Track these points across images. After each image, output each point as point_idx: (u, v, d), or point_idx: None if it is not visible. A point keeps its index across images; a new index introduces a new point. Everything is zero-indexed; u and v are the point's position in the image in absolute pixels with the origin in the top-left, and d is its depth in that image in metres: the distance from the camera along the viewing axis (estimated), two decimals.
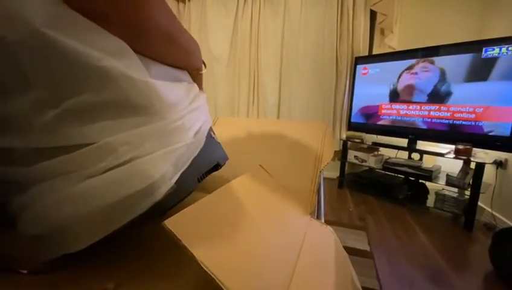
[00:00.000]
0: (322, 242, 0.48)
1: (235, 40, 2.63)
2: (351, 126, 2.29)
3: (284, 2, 2.45)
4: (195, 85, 0.42)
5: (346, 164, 2.24)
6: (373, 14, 2.27)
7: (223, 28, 2.62)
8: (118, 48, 0.26)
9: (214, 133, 0.47)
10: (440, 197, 1.73)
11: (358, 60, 2.23)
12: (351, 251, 1.25)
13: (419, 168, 1.85)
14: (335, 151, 2.42)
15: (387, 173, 2.07)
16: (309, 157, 0.69)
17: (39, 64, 0.22)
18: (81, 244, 0.26)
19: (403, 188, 1.95)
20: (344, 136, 2.32)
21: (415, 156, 2.03)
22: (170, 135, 0.30)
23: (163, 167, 0.28)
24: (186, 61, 0.40)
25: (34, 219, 0.25)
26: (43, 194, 0.25)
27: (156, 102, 0.28)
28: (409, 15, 2.20)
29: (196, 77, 0.44)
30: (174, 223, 0.27)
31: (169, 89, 0.32)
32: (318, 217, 0.61)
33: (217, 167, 0.44)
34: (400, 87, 1.97)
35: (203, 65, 0.46)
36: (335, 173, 2.37)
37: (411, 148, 1.93)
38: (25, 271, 0.29)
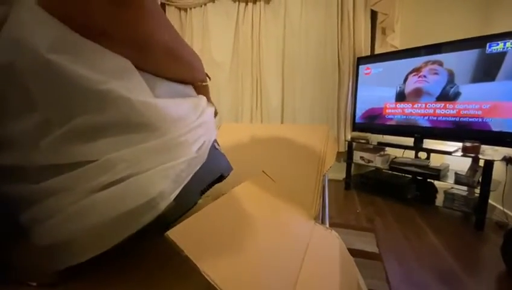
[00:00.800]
0: (326, 247, 0.48)
1: (237, 46, 2.65)
2: (356, 127, 2.28)
3: (284, 5, 2.47)
4: (203, 98, 0.42)
5: (352, 165, 2.22)
6: (374, 14, 2.27)
7: (225, 34, 2.65)
8: (120, 68, 0.27)
9: (218, 145, 0.47)
10: (449, 196, 1.70)
11: (361, 60, 2.22)
12: (359, 253, 1.24)
13: (426, 167, 1.83)
14: (340, 152, 2.41)
15: (394, 173, 2.04)
16: (312, 161, 0.69)
17: (45, 88, 0.24)
18: (85, 255, 0.27)
19: (410, 188, 1.92)
20: (349, 137, 2.30)
21: (422, 154, 2.01)
22: (171, 151, 0.30)
23: (162, 184, 0.29)
24: (190, 75, 0.40)
25: (43, 232, 0.26)
26: (51, 210, 0.26)
27: (156, 120, 0.29)
28: (410, 13, 2.19)
29: (202, 89, 0.44)
30: (176, 234, 0.28)
31: (174, 105, 0.32)
32: (323, 221, 0.61)
33: (221, 178, 0.44)
34: (407, 90, 1.95)
35: (207, 77, 0.47)
36: (341, 175, 2.36)
37: (418, 147, 1.91)
38: (34, 284, 0.30)
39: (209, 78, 0.48)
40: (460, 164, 1.74)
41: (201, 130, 0.37)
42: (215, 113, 0.51)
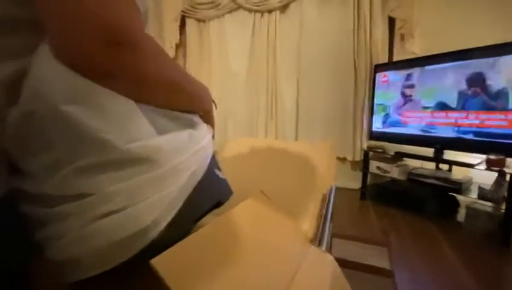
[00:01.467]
0: (317, 272, 0.49)
1: (253, 55, 2.70)
2: (373, 135, 2.22)
3: (300, 14, 2.48)
4: (203, 126, 0.43)
5: (368, 174, 2.17)
6: (392, 20, 2.22)
7: (242, 44, 2.71)
8: (124, 112, 0.30)
9: (219, 170, 0.47)
10: (472, 211, 1.61)
11: (378, 68, 2.18)
12: (369, 268, 1.21)
13: (447, 179, 1.74)
14: (356, 161, 2.36)
15: (412, 184, 1.96)
16: (313, 181, 0.70)
17: (58, 134, 0.28)
18: (93, 272, 0.30)
19: (430, 201, 1.84)
20: (365, 146, 2.25)
21: (444, 166, 1.92)
22: (166, 180, 0.32)
23: (155, 212, 0.31)
24: (195, 106, 0.42)
25: (55, 250, 0.30)
26: (61, 232, 0.30)
27: (154, 156, 0.31)
28: (431, 19, 2.11)
29: (206, 117, 0.46)
30: (160, 262, 0.29)
31: (174, 139, 0.34)
32: (320, 242, 0.61)
33: (219, 204, 0.44)
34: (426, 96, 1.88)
35: (213, 105, 0.48)
36: (357, 184, 2.30)
37: (438, 158, 1.83)
38: None
39: (215, 105, 0.50)
40: (485, 177, 1.64)
41: (196, 157, 0.38)
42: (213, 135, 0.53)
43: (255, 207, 0.55)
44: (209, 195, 0.42)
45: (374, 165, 2.11)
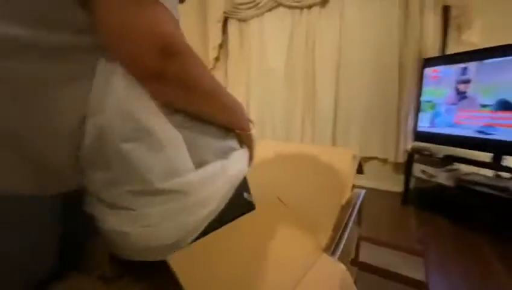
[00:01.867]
0: (323, 282, 0.51)
1: (292, 53, 2.68)
2: (418, 136, 2.06)
3: (341, 7, 2.37)
4: (237, 153, 0.46)
5: (411, 177, 2.02)
6: (446, 10, 1.99)
7: (281, 42, 2.71)
8: (170, 140, 0.37)
9: (247, 193, 0.50)
10: None
11: (428, 62, 1.99)
12: (400, 278, 1.16)
13: (506, 189, 1.55)
14: (399, 163, 2.22)
15: (462, 191, 1.78)
16: (333, 189, 0.71)
17: (115, 162, 0.36)
18: (130, 258, 0.39)
19: (482, 212, 1.65)
20: (409, 147, 2.10)
21: (502, 173, 1.69)
22: (194, 207, 0.38)
23: (179, 234, 0.37)
24: (230, 119, 0.46)
25: (104, 235, 0.39)
26: (111, 225, 0.38)
27: (188, 189, 0.37)
28: (491, 6, 1.84)
29: (244, 137, 0.50)
30: (176, 260, 0.35)
31: (205, 174, 0.39)
32: (335, 251, 0.62)
33: None
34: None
35: (250, 124, 0.51)
36: (399, 187, 2.17)
37: (496, 164, 1.63)
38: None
39: (253, 123, 0.53)
40: None
41: (226, 184, 0.43)
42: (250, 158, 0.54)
43: (270, 213, 0.59)
44: (234, 218, 0.46)
45: (418, 168, 1.96)
